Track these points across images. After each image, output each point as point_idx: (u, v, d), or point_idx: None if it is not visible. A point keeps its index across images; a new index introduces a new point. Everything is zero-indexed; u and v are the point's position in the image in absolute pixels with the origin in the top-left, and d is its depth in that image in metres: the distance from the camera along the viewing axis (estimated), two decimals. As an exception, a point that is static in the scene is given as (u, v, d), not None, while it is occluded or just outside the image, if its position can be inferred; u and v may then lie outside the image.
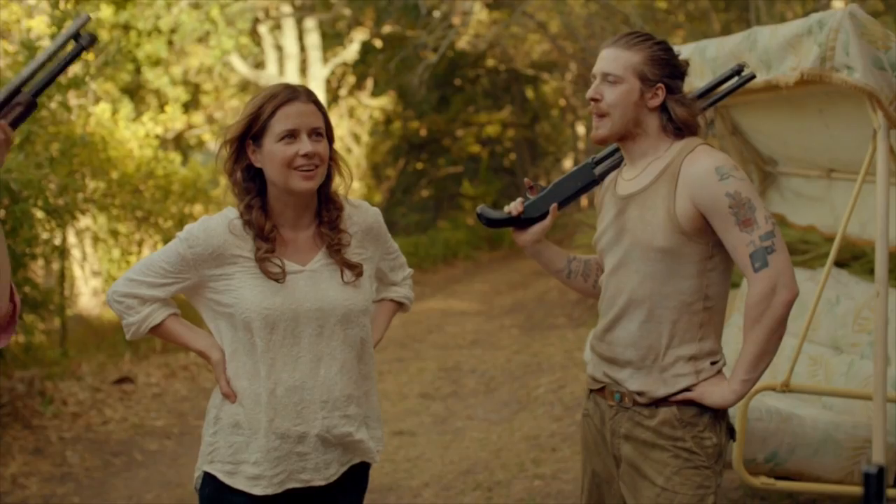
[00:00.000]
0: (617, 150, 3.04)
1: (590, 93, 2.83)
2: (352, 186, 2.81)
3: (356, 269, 2.75)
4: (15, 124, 2.44)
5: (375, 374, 2.89)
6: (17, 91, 2.43)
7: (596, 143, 2.87)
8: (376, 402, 2.88)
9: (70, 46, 2.46)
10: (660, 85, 2.80)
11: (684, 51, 4.55)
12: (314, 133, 2.67)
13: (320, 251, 2.75)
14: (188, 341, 2.80)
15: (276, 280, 2.66)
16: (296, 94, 2.67)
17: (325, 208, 2.77)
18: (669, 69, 2.83)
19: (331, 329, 2.71)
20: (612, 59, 2.80)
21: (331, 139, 2.75)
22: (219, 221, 2.71)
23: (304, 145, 2.64)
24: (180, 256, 2.69)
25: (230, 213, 2.73)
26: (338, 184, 2.79)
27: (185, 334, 2.81)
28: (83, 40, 2.45)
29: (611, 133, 2.83)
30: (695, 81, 4.09)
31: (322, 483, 2.75)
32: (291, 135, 2.64)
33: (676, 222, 2.71)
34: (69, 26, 2.46)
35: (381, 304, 3.02)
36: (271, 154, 2.65)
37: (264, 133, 2.66)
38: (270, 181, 2.70)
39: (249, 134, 2.68)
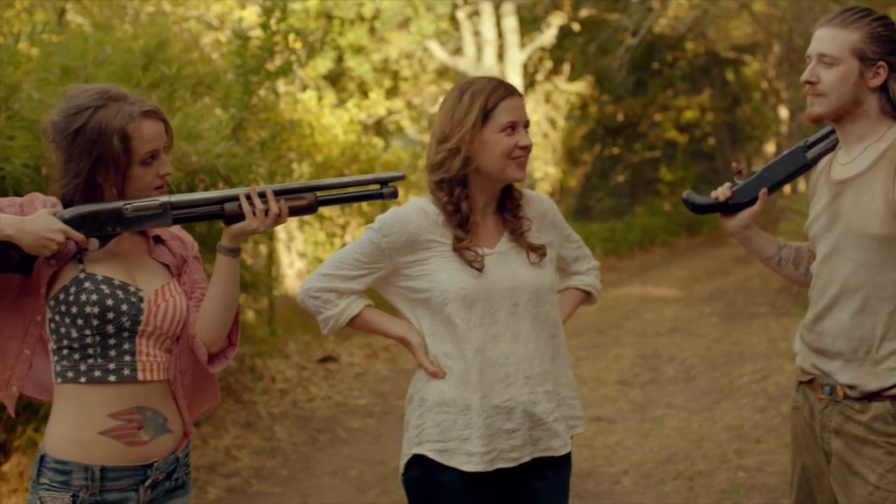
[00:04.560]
0: (831, 132, 2.91)
1: (805, 75, 2.72)
2: (547, 171, 2.87)
3: (540, 251, 2.83)
4: (292, 212, 2.62)
5: (568, 356, 2.92)
6: (310, 189, 2.62)
7: (810, 121, 2.78)
8: (573, 380, 2.92)
9: (373, 187, 2.69)
10: (881, 63, 2.67)
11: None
12: (526, 126, 2.80)
13: (504, 235, 2.83)
14: (387, 329, 2.88)
15: (477, 269, 2.74)
16: (512, 89, 2.79)
17: (508, 196, 2.86)
18: (891, 46, 2.69)
19: (524, 307, 2.78)
20: (828, 39, 2.69)
21: None
22: (410, 210, 2.80)
23: (524, 138, 2.77)
24: (375, 246, 2.77)
25: (419, 202, 2.82)
26: None
27: (383, 323, 2.89)
28: (385, 189, 2.67)
29: (826, 112, 2.72)
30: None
31: (528, 459, 2.77)
32: (512, 126, 2.75)
33: (895, 209, 2.59)
34: (384, 174, 2.68)
35: (564, 292, 3.04)
36: (492, 143, 2.74)
37: (486, 122, 2.74)
38: (480, 170, 2.77)
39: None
